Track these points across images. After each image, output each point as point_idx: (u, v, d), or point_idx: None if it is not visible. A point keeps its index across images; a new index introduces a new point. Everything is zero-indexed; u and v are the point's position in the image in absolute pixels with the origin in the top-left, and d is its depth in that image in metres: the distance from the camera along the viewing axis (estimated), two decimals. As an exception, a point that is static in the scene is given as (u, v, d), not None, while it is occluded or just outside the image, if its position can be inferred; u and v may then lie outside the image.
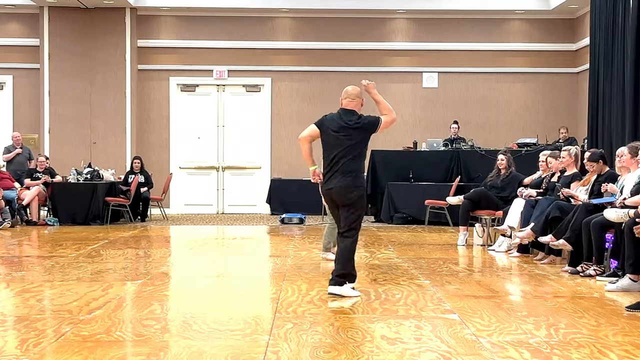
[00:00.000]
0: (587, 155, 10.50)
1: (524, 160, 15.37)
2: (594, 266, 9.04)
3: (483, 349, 5.55)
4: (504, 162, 12.86)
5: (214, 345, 5.67)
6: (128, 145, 19.70)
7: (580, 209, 9.54)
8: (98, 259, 10.72)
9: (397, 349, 5.55)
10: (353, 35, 20.18)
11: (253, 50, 20.18)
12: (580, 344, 5.72)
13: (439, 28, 20.27)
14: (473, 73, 20.33)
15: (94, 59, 19.63)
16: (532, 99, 20.38)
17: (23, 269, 9.85)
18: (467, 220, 12.79)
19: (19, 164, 17.97)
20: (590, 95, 16.76)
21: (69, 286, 8.28)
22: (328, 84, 20.01)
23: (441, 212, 16.18)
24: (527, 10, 19.90)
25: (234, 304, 7.49)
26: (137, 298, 7.67)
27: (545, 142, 17.60)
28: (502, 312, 6.97)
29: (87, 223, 16.48)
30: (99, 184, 16.88)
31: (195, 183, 20.36)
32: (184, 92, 20.44)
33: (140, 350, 5.51)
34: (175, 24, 20.29)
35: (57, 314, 6.80)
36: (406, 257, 10.98)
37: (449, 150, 17.76)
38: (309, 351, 5.48)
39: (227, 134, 20.40)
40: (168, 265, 10.56)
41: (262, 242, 14.11)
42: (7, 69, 20.03)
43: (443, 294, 7.87)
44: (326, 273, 9.32)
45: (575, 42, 19.98)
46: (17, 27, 20.07)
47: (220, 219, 18.78)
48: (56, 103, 19.56)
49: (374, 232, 15.20)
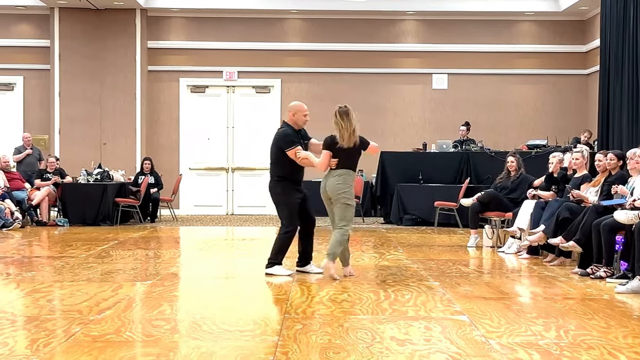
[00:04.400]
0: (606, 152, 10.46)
1: (533, 162, 15.34)
2: (604, 268, 9.01)
3: (493, 351, 5.55)
4: (513, 163, 12.83)
5: (223, 345, 5.67)
6: (138, 146, 19.74)
7: (590, 210, 9.52)
8: (108, 260, 10.74)
9: (406, 350, 5.55)
10: (363, 37, 20.19)
11: (263, 51, 20.20)
12: (590, 345, 5.70)
13: (448, 30, 20.27)
14: (483, 75, 20.31)
15: (104, 60, 19.68)
16: (542, 101, 20.36)
17: (33, 269, 9.87)
18: (476, 222, 12.76)
19: (29, 165, 18.02)
20: (601, 97, 16.73)
21: (79, 286, 8.29)
22: (338, 86, 20.03)
23: (451, 214, 16.18)
24: (537, 12, 19.88)
25: (243, 305, 7.49)
26: (147, 298, 7.68)
27: (555, 143, 17.56)
28: (512, 313, 6.96)
29: (97, 224, 16.51)
30: (108, 185, 16.91)
31: (204, 184, 20.39)
32: (193, 93, 20.47)
33: (150, 351, 5.52)
34: (186, 25, 20.33)
35: (67, 314, 6.81)
36: (415, 259, 10.97)
37: (459, 151, 17.73)
38: (319, 352, 5.48)
39: (237, 135, 20.43)
40: (177, 266, 10.58)
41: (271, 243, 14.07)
42: (18, 70, 20.10)
43: (452, 295, 7.86)
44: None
45: (585, 43, 19.95)
46: (28, 28, 20.13)
47: (230, 220, 18.79)
48: (66, 104, 19.62)
49: (384, 233, 15.19)
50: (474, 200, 12.86)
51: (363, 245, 13.05)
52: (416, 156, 18.03)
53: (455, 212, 15.90)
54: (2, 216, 15.54)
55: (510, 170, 12.87)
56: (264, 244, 13.89)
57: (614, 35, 16.07)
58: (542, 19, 20.18)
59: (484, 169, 17.03)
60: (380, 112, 20.19)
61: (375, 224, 17.40)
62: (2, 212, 15.57)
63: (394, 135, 20.16)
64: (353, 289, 8.20)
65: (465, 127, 18.51)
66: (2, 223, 15.44)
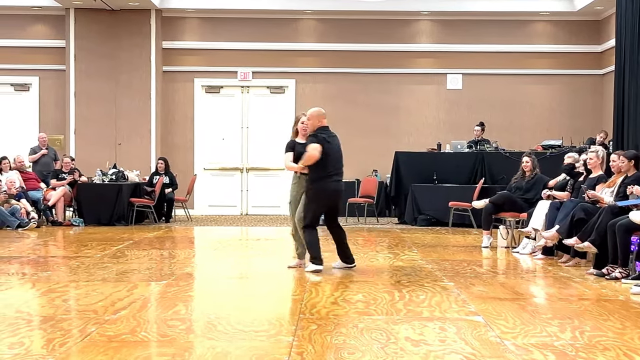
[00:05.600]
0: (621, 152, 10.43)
1: (548, 162, 15.30)
2: (619, 269, 8.98)
3: (508, 352, 5.54)
4: (528, 164, 12.80)
5: (238, 346, 5.68)
6: (153, 146, 19.79)
7: (606, 211, 9.49)
8: (123, 260, 10.78)
9: (421, 351, 5.55)
10: (377, 37, 20.17)
11: (277, 51, 20.22)
12: (606, 347, 5.69)
13: (463, 30, 20.23)
14: (497, 75, 20.26)
15: (119, 60, 19.74)
16: (557, 101, 20.30)
17: (49, 269, 9.91)
18: (489, 224, 12.73)
19: (45, 165, 18.09)
20: (616, 97, 16.67)
21: (94, 286, 8.32)
22: (352, 86, 20.02)
23: (465, 214, 16.16)
24: (552, 12, 19.82)
25: (258, 305, 7.50)
26: (162, 298, 7.70)
27: (570, 144, 17.51)
28: (527, 314, 6.95)
29: (112, 224, 16.56)
30: (123, 185, 16.96)
31: (219, 184, 20.41)
32: (208, 94, 20.51)
33: (165, 351, 5.53)
34: (200, 26, 20.37)
35: (83, 314, 6.84)
36: (430, 259, 10.96)
37: (473, 152, 17.70)
38: (333, 352, 5.49)
39: (251, 135, 20.45)
40: (192, 266, 10.60)
41: (286, 243, 14.09)
42: (33, 71, 20.18)
43: (467, 296, 7.85)
44: (350, 274, 9.34)
45: (600, 43, 19.89)
46: (43, 29, 20.21)
47: (244, 220, 18.82)
48: (82, 104, 19.69)
49: (398, 233, 15.18)
50: (487, 202, 12.85)
51: (377, 246, 13.06)
52: (430, 156, 18.01)
53: (470, 213, 15.88)
54: (18, 216, 15.61)
55: (525, 170, 12.84)
56: (278, 244, 13.93)
57: (629, 35, 16.00)
58: (557, 19, 20.12)
59: (498, 170, 16.99)
60: (395, 112, 20.18)
61: (390, 224, 17.39)
62: (17, 212, 15.64)
63: (408, 135, 20.15)
64: (367, 289, 8.20)
65: (480, 128, 18.47)
66: (18, 223, 15.51)
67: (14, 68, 20.15)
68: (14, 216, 15.57)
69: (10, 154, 17.45)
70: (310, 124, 9.65)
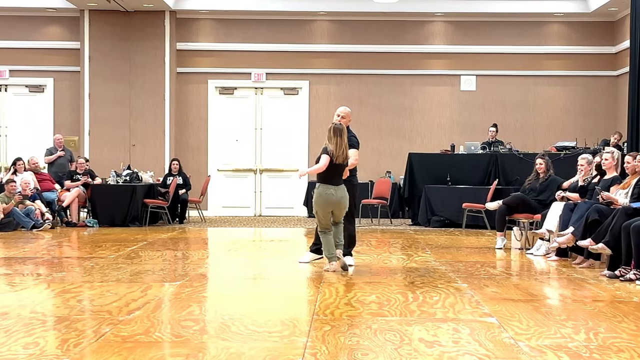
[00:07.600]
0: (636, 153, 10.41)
1: (562, 163, 15.27)
2: (634, 270, 8.95)
3: (522, 353, 5.53)
4: (542, 165, 12.78)
5: (252, 346, 5.69)
6: (167, 147, 19.83)
7: (620, 212, 9.46)
8: (137, 261, 10.80)
9: (435, 352, 5.55)
10: (391, 38, 20.17)
11: (291, 53, 20.24)
12: (620, 348, 5.68)
13: (477, 31, 20.21)
14: (511, 76, 20.24)
15: (134, 61, 19.80)
16: (571, 102, 20.26)
17: (63, 269, 9.95)
18: (503, 225, 12.72)
19: (61, 166, 18.14)
20: (630, 99, 16.61)
21: (108, 287, 8.35)
22: (366, 87, 20.04)
23: (479, 216, 16.13)
24: (566, 13, 19.78)
25: (271, 306, 7.51)
26: (176, 299, 7.72)
27: (584, 145, 17.47)
28: (541, 316, 6.93)
29: (126, 225, 16.61)
30: (137, 186, 17.01)
31: (233, 185, 20.45)
32: (222, 95, 20.55)
33: (179, 351, 5.54)
34: (214, 27, 20.41)
35: (97, 315, 6.86)
36: (443, 260, 10.95)
37: (487, 153, 17.66)
38: (347, 353, 5.49)
39: (265, 136, 20.48)
40: (206, 267, 10.62)
41: (299, 244, 14.12)
42: (48, 72, 20.27)
43: (481, 297, 7.84)
44: (363, 275, 9.34)
45: (614, 44, 19.83)
46: (58, 30, 20.29)
47: (258, 221, 18.84)
48: (96, 105, 19.75)
49: (411, 235, 15.18)
50: (500, 203, 12.82)
51: (391, 247, 13.05)
52: (444, 157, 17.99)
53: (484, 214, 15.85)
54: (33, 217, 15.68)
55: (539, 172, 12.81)
56: (292, 245, 13.95)
57: (644, 37, 15.96)
58: (571, 20, 20.08)
59: (512, 171, 16.97)
60: (408, 113, 20.18)
61: (403, 226, 17.38)
62: (32, 213, 15.71)
63: (421, 136, 20.14)
64: (381, 290, 8.20)
65: (494, 129, 18.44)
66: (33, 224, 15.57)
67: (28, 69, 20.26)
68: (29, 217, 15.64)
69: (25, 155, 17.53)
70: (345, 122, 10.07)
